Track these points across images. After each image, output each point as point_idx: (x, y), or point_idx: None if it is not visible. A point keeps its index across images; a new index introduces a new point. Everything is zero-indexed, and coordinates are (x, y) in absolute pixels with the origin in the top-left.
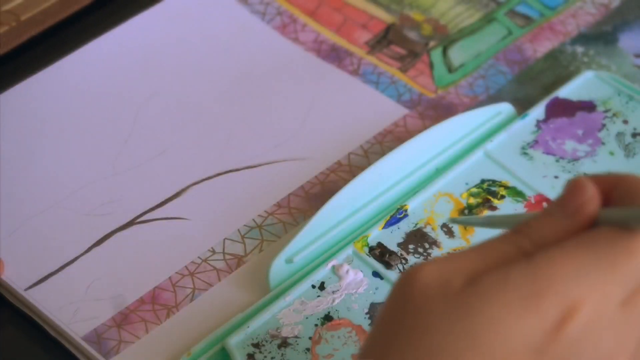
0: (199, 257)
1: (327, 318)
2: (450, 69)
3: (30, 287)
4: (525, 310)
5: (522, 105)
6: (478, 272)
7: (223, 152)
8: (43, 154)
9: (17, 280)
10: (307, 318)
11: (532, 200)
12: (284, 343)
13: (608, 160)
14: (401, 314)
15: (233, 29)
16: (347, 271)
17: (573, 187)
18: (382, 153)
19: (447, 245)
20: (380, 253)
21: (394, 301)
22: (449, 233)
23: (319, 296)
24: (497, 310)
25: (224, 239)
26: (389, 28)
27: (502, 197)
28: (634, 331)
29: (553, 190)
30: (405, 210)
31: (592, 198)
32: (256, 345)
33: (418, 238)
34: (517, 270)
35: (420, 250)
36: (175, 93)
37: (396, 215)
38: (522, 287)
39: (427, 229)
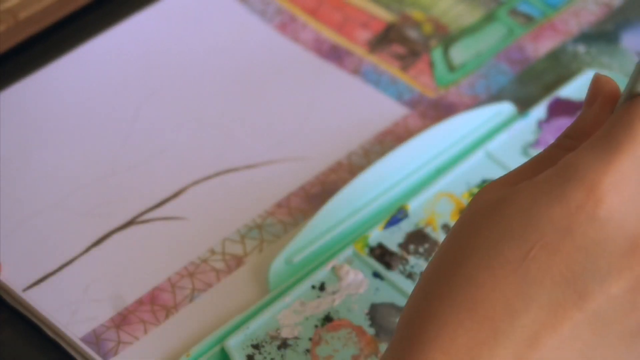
0: (198, 258)
1: (327, 319)
2: (451, 69)
3: (28, 287)
4: (550, 199)
5: (524, 105)
6: None
7: (223, 152)
8: (41, 154)
9: (15, 280)
10: (307, 319)
11: None
12: (284, 344)
13: None
14: (461, 230)
15: (233, 28)
16: (348, 272)
17: (591, 82)
18: (382, 153)
19: None
20: (381, 254)
21: (459, 221)
22: None
23: (319, 297)
24: (526, 203)
25: (224, 239)
26: (389, 27)
27: None
28: None
29: None
30: (406, 211)
31: (606, 82)
32: (256, 347)
33: (419, 238)
34: (544, 172)
35: (421, 250)
36: (174, 92)
37: (397, 216)
38: (547, 182)
39: (428, 230)
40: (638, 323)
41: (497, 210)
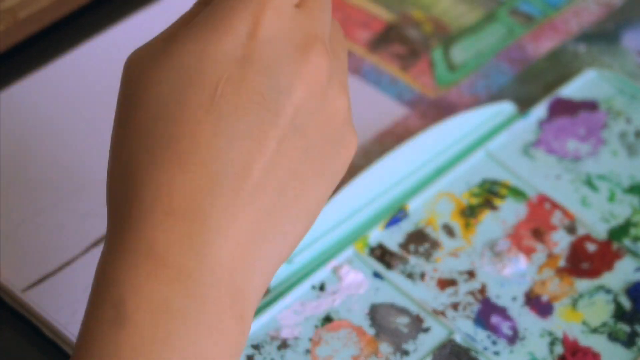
0: None
1: (327, 319)
2: (451, 68)
3: (28, 288)
4: (219, 35)
5: (524, 105)
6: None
7: None
8: (41, 154)
9: (15, 281)
10: (307, 319)
11: (534, 200)
12: (284, 344)
13: (610, 160)
14: (135, 98)
15: None
16: (348, 272)
17: None
18: (382, 153)
19: (448, 245)
20: (381, 254)
21: (120, 92)
22: (450, 233)
23: (319, 297)
24: (195, 46)
25: None
26: (389, 27)
27: (504, 197)
28: (316, 26)
29: (555, 190)
30: (406, 211)
31: None
32: (255, 347)
33: (419, 238)
34: (203, 12)
35: (421, 250)
36: None
37: (397, 216)
38: (210, 20)
39: (428, 229)
40: (331, 127)
41: (164, 65)
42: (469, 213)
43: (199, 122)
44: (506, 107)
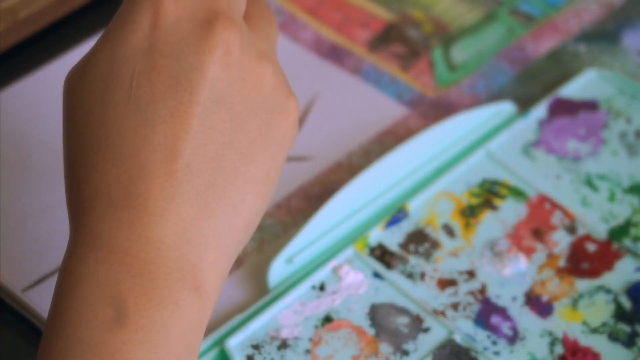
0: None
1: (327, 319)
2: (451, 68)
3: (28, 288)
4: (124, 33)
5: (524, 105)
6: None
7: None
8: (41, 154)
9: (14, 281)
10: (307, 319)
11: (534, 200)
12: (284, 344)
13: (611, 160)
14: (63, 109)
15: None
16: (348, 272)
17: None
18: (382, 153)
19: (448, 245)
20: (381, 254)
21: (67, 104)
22: (450, 233)
23: (319, 297)
24: (108, 50)
25: None
26: (389, 27)
27: (504, 197)
28: (217, 1)
29: (555, 190)
30: (406, 211)
31: None
32: (255, 347)
33: (419, 238)
34: (112, 21)
35: (421, 250)
36: None
37: (397, 216)
38: (117, 23)
39: (428, 230)
40: (259, 96)
41: (86, 75)
42: (469, 213)
43: (122, 117)
44: (506, 107)
